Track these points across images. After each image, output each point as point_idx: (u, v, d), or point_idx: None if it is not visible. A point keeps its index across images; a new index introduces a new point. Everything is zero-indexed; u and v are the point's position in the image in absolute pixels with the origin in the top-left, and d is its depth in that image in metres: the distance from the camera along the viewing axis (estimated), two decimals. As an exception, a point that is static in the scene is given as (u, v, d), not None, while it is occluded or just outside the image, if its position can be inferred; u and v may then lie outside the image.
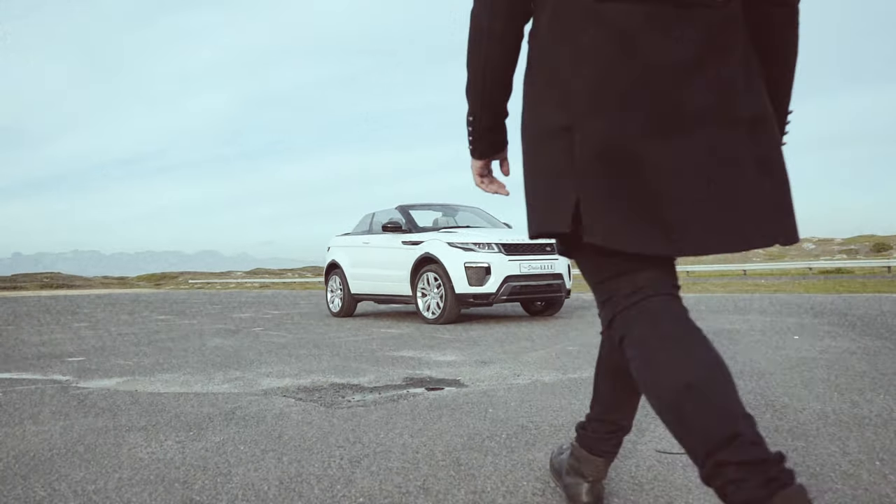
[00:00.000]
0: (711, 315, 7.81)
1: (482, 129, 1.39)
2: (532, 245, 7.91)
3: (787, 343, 4.99)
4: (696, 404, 1.10)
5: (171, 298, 22.42)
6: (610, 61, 1.15)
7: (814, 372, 3.67)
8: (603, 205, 1.15)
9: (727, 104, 1.16)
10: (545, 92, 1.24)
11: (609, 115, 1.15)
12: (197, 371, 4.36)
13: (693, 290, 16.42)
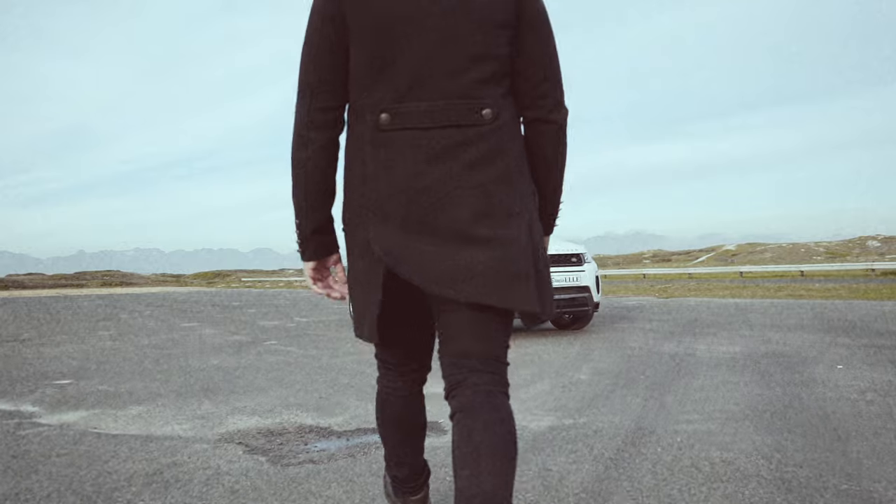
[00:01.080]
0: (749, 330, 7.19)
1: (307, 233, 1.51)
2: (556, 256, 7.43)
3: (832, 376, 4.42)
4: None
5: (213, 300, 22.58)
6: (389, 184, 1.37)
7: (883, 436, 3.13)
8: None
9: (479, 216, 1.37)
10: (350, 204, 1.46)
11: (390, 232, 1.37)
12: (171, 402, 4.08)
13: (743, 293, 15.58)
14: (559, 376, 4.70)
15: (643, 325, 8.48)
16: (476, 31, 1.38)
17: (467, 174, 1.38)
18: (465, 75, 1.38)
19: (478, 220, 1.37)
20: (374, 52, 1.39)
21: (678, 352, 5.82)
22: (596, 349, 6.14)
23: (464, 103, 1.38)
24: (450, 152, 1.38)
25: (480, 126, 1.39)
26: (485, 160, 1.39)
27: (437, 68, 1.38)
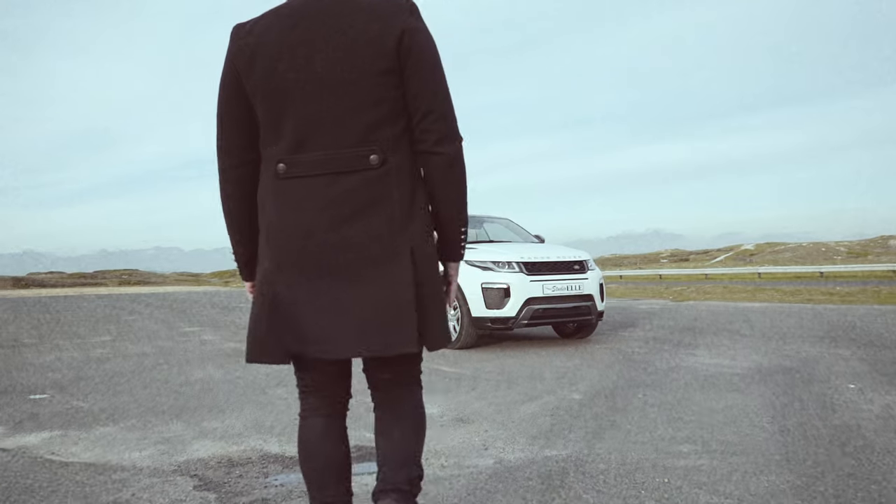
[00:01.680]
0: (760, 342, 6.88)
1: (244, 260, 1.70)
2: (558, 263, 7.17)
3: (842, 398, 4.13)
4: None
5: (222, 301, 22.47)
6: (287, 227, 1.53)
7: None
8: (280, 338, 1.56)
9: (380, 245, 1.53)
10: (261, 238, 1.61)
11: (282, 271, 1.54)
12: (140, 423, 3.90)
13: (759, 297, 15.16)
14: (551, 395, 4.45)
15: (651, 333, 8.19)
16: (360, 81, 1.50)
17: (353, 220, 1.52)
18: (353, 124, 1.51)
19: (360, 264, 1.52)
20: (269, 110, 1.54)
21: (682, 366, 5.54)
22: (596, 363, 5.88)
23: (351, 151, 1.52)
24: (337, 199, 1.52)
25: (367, 172, 1.52)
26: (371, 205, 1.52)
27: (325, 120, 1.51)
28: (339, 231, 1.51)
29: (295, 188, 1.54)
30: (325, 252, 1.52)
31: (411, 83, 1.53)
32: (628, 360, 5.95)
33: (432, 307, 1.58)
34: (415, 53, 1.52)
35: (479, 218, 8.94)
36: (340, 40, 1.50)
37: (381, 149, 1.52)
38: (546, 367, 5.70)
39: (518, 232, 8.83)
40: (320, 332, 1.53)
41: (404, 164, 1.56)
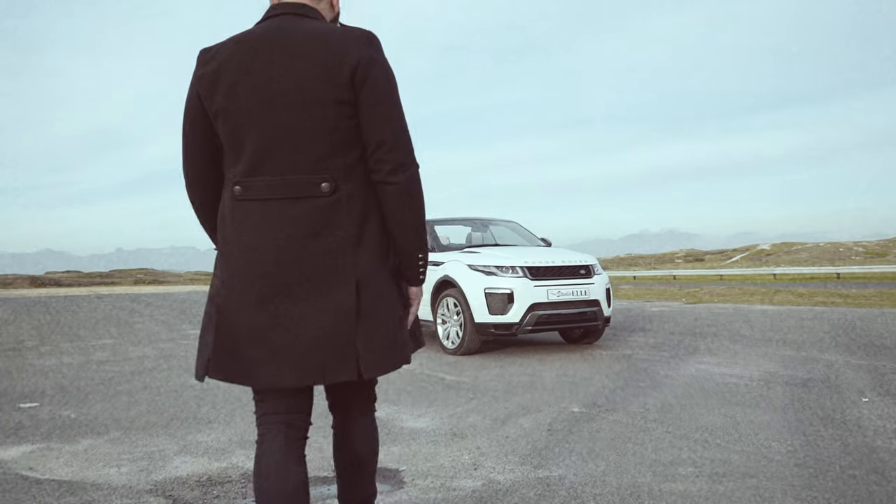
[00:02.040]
0: (771, 347, 6.67)
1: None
2: (563, 268, 7.00)
3: (855, 413, 3.95)
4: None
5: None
6: (237, 249, 1.59)
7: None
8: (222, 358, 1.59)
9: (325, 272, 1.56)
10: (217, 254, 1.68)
11: (230, 291, 1.59)
12: (125, 435, 3.80)
13: (773, 299, 14.87)
14: (550, 407, 4.30)
15: (660, 338, 8.01)
16: (315, 109, 1.54)
17: (302, 246, 1.55)
18: (307, 151, 1.55)
19: (305, 291, 1.55)
20: (229, 133, 1.59)
21: (688, 376, 5.37)
22: (599, 372, 5.71)
23: (304, 178, 1.56)
24: (288, 224, 1.55)
25: (318, 199, 1.55)
26: (320, 232, 1.56)
27: (280, 145, 1.55)
28: (288, 256, 1.55)
29: (249, 210, 1.58)
30: (271, 275, 1.56)
31: (366, 114, 1.56)
32: (633, 369, 5.78)
33: (376, 335, 1.59)
34: (370, 84, 1.55)
35: (485, 221, 8.80)
36: (298, 69, 1.54)
37: (333, 177, 1.56)
38: (548, 376, 5.55)
39: (524, 235, 8.67)
40: (261, 358, 1.56)
41: (356, 192, 1.59)
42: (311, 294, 1.55)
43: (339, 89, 1.53)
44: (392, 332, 1.64)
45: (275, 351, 1.54)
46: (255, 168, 1.57)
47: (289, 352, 1.54)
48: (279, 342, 1.54)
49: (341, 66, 1.53)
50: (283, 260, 1.55)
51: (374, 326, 1.59)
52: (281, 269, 1.54)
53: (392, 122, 1.58)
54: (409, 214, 1.63)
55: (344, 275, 1.56)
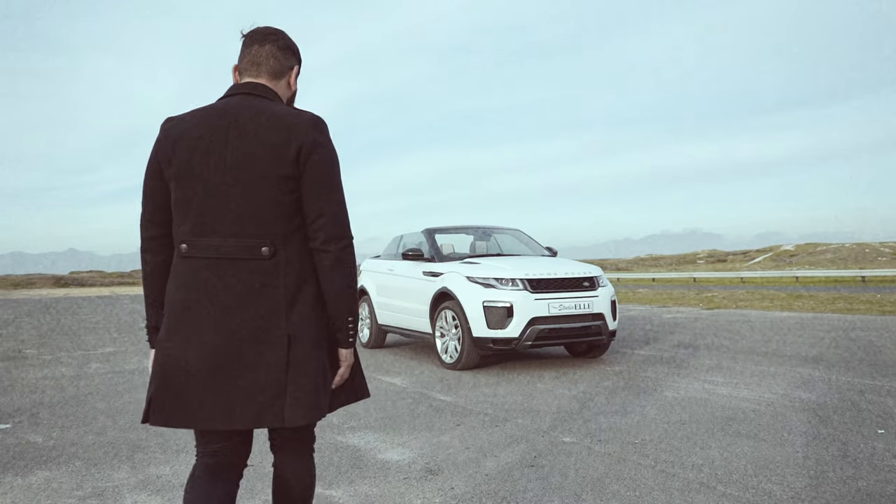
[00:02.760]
0: (786, 365, 6.34)
1: (150, 325, 1.85)
2: (565, 280, 6.72)
3: (867, 449, 3.64)
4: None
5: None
6: (182, 302, 1.72)
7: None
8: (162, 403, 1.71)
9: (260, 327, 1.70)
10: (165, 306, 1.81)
11: (172, 341, 1.72)
12: (87, 465, 3.61)
13: (794, 305, 14.42)
14: (539, 437, 4.04)
15: (669, 352, 7.69)
16: (261, 181, 1.69)
17: (240, 303, 1.69)
18: (250, 218, 1.70)
19: (241, 344, 1.69)
20: (180, 196, 1.73)
21: (694, 399, 5.07)
22: (598, 393, 5.42)
23: (246, 242, 1.70)
24: (228, 283, 1.70)
25: (258, 261, 1.70)
26: (258, 292, 1.70)
27: (227, 211, 1.69)
28: (227, 312, 1.70)
29: (193, 267, 1.73)
30: (212, 329, 1.70)
31: (307, 189, 1.74)
32: (636, 389, 5.49)
33: (302, 388, 1.72)
34: (312, 164, 1.73)
35: (488, 229, 8.54)
36: (250, 143, 1.71)
37: (273, 242, 1.72)
38: (543, 397, 5.28)
39: (528, 244, 8.40)
40: (198, 403, 1.69)
41: (294, 257, 1.75)
42: (247, 347, 1.70)
43: (285, 167, 1.71)
44: (317, 386, 1.75)
45: (211, 397, 1.68)
46: (202, 229, 1.72)
47: (223, 398, 1.68)
48: (215, 389, 1.69)
49: (289, 146, 1.71)
50: (223, 315, 1.70)
51: (302, 379, 1.72)
52: (221, 323, 1.70)
53: (331, 198, 1.76)
54: (340, 281, 1.79)
55: (277, 331, 1.71)
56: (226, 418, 1.68)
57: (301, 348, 1.73)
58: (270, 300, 1.72)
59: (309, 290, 1.78)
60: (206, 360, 1.69)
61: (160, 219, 1.80)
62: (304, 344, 1.74)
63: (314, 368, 1.75)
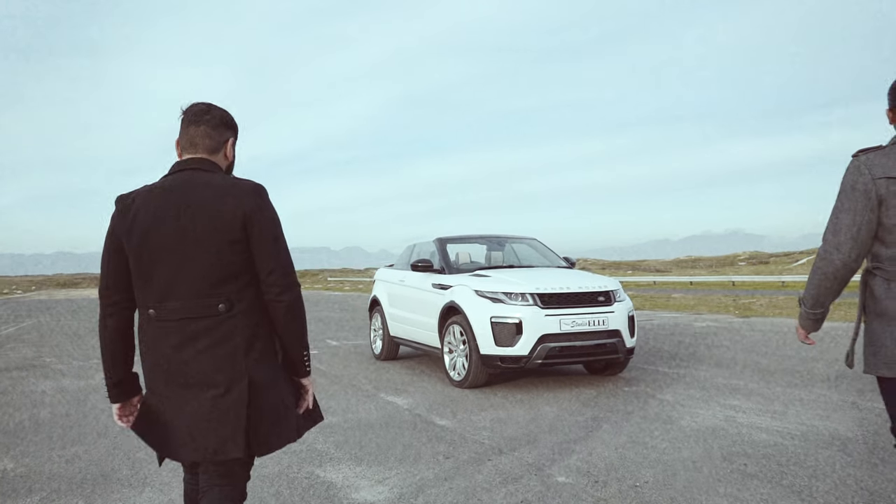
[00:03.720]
0: (819, 388, 5.86)
1: (111, 384, 2.06)
2: (578, 295, 6.35)
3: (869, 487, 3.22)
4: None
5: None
6: (156, 356, 1.99)
7: None
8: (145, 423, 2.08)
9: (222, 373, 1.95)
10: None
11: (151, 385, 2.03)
12: (49, 498, 3.41)
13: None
14: (532, 475, 3.71)
15: (692, 369, 7.25)
16: (212, 247, 1.94)
17: (203, 354, 1.96)
18: (206, 280, 1.95)
19: (207, 389, 1.96)
20: (140, 268, 1.98)
21: (709, 427, 4.67)
22: (607, 420, 5.06)
23: (204, 301, 1.96)
24: (192, 338, 1.97)
25: (216, 317, 1.96)
26: (218, 343, 1.97)
27: (184, 276, 1.95)
28: (192, 362, 1.95)
29: (162, 328, 1.98)
30: (181, 377, 1.96)
31: (256, 250, 1.98)
32: (648, 416, 5.11)
33: (262, 421, 2.00)
34: (257, 228, 1.96)
35: (503, 239, 8.21)
36: (199, 215, 1.92)
37: (228, 299, 1.96)
38: (548, 424, 4.93)
39: (545, 254, 8.05)
40: (169, 437, 2.00)
41: (247, 309, 1.99)
42: (211, 390, 1.95)
43: (232, 233, 1.94)
44: (278, 418, 2.04)
45: (180, 433, 1.98)
46: (165, 295, 1.96)
47: (191, 433, 1.96)
48: (184, 425, 1.97)
49: (234, 214, 1.94)
50: (190, 365, 1.96)
51: (261, 415, 2.00)
52: (189, 372, 1.96)
53: (278, 255, 2.00)
54: (293, 324, 2.06)
55: (238, 374, 1.96)
56: (191, 453, 1.99)
57: (259, 388, 1.99)
58: (230, 349, 1.97)
59: (263, 335, 2.03)
60: (176, 403, 1.98)
61: (121, 286, 2.02)
62: (262, 383, 2.00)
63: (273, 404, 2.03)
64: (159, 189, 1.99)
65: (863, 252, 2.16)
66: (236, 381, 1.95)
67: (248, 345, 1.98)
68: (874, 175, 2.08)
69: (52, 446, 4.51)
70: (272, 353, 2.06)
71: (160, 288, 1.95)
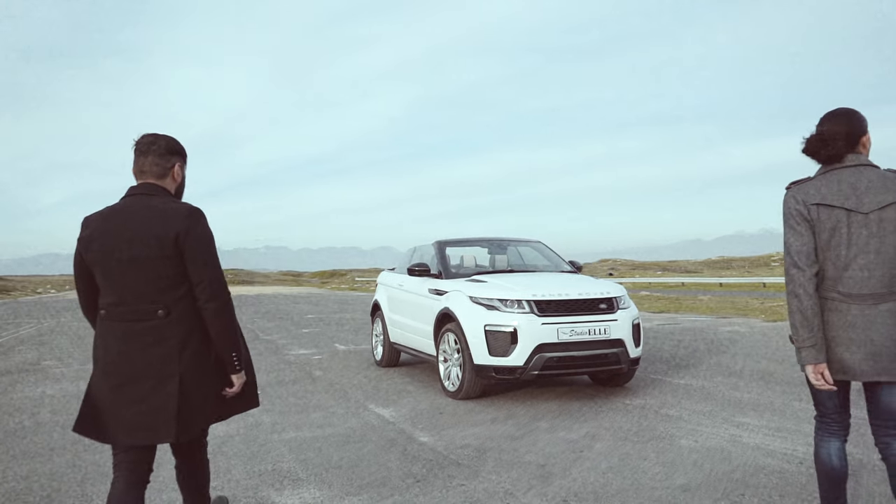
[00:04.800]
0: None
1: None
2: (578, 302, 5.98)
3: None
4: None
5: (292, 308, 22.30)
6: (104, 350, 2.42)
7: None
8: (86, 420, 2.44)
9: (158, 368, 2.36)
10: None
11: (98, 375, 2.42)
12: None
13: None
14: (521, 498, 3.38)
15: (705, 380, 6.82)
16: (152, 262, 2.36)
17: (143, 351, 2.37)
18: (148, 288, 2.37)
19: (143, 381, 2.36)
20: (100, 278, 2.43)
21: (714, 448, 4.29)
22: (601, 439, 4.69)
23: (146, 306, 2.38)
24: (133, 337, 2.38)
25: (155, 320, 2.38)
26: (156, 342, 2.37)
27: (130, 285, 2.38)
28: (134, 357, 2.37)
29: (110, 327, 2.41)
30: (122, 370, 2.37)
31: (188, 264, 2.40)
32: (648, 434, 4.74)
33: (193, 413, 2.41)
34: (189, 245, 2.38)
35: (504, 242, 7.87)
36: (141, 235, 2.36)
37: (166, 305, 2.39)
38: (536, 442, 4.59)
39: (549, 258, 7.69)
40: (109, 423, 2.37)
41: (183, 314, 2.41)
42: (148, 381, 2.34)
43: (168, 250, 2.35)
44: (202, 408, 2.45)
45: (119, 419, 2.35)
46: (117, 300, 2.38)
47: (127, 420, 2.34)
48: (123, 414, 2.34)
49: (168, 233, 2.35)
50: (131, 360, 2.35)
51: (189, 405, 2.38)
52: (129, 366, 2.35)
53: (207, 268, 2.41)
54: (220, 328, 2.44)
55: (171, 370, 2.36)
56: (128, 437, 2.36)
57: (191, 382, 2.39)
58: (167, 348, 2.36)
59: (196, 336, 2.42)
60: (117, 393, 2.35)
61: (89, 292, 2.51)
62: (194, 378, 2.40)
63: (202, 396, 2.43)
64: (111, 212, 2.44)
65: (817, 264, 2.48)
66: (170, 376, 2.36)
67: (182, 345, 2.39)
68: (806, 202, 2.47)
69: (10, 462, 4.31)
70: (205, 352, 2.46)
71: (111, 294, 2.40)
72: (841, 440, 2.67)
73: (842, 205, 2.41)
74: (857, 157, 2.47)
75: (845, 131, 2.46)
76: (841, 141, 2.46)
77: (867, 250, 2.39)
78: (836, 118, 2.51)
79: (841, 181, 2.44)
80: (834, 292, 2.45)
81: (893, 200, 2.37)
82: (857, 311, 2.41)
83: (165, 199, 2.44)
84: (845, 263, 2.42)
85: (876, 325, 2.39)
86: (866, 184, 2.41)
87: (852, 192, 2.41)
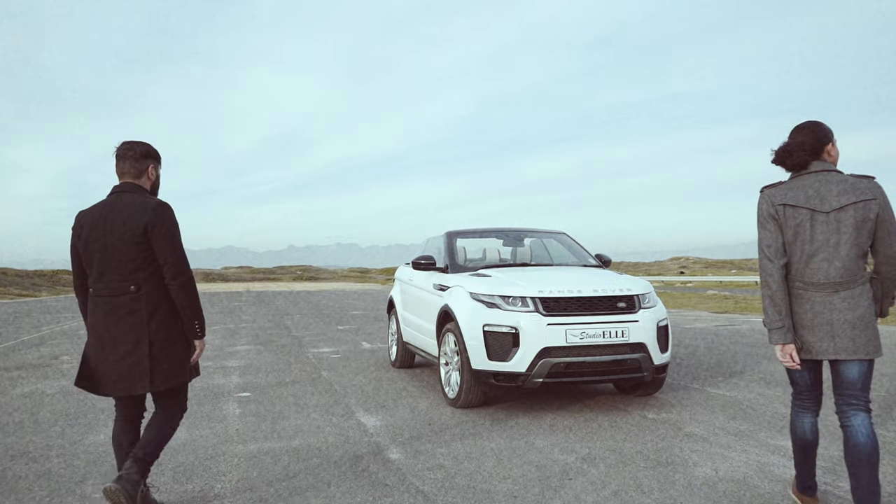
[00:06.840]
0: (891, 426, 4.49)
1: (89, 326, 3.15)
2: (592, 300, 5.21)
3: None
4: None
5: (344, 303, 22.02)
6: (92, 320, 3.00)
7: None
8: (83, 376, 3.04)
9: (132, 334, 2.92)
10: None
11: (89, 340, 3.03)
12: None
13: None
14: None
15: (750, 390, 5.92)
16: (126, 247, 2.91)
17: (120, 320, 2.92)
18: (122, 269, 2.92)
19: (121, 345, 2.92)
20: (86, 262, 3.00)
21: (734, 480, 3.50)
22: (603, 461, 3.94)
23: (121, 284, 2.93)
24: (113, 310, 2.93)
25: (129, 295, 2.92)
26: (130, 313, 2.92)
27: (109, 266, 2.93)
28: (114, 326, 2.93)
29: (96, 301, 2.99)
30: (105, 335, 2.94)
31: (156, 248, 2.93)
32: (660, 459, 3.96)
33: (160, 368, 2.95)
34: (155, 233, 2.92)
35: (522, 232, 7.14)
36: (118, 226, 2.91)
37: (137, 283, 2.93)
38: (524, 463, 3.89)
39: (573, 250, 6.91)
40: (101, 378, 2.96)
41: (152, 291, 2.96)
42: (125, 345, 2.92)
43: (138, 236, 2.91)
44: (171, 367, 3.00)
45: (106, 375, 2.96)
46: (98, 279, 2.98)
47: (111, 375, 2.95)
48: (106, 370, 2.95)
49: (137, 225, 2.91)
50: (110, 327, 2.93)
51: (159, 364, 2.95)
52: (109, 332, 2.94)
53: (172, 251, 2.95)
54: (184, 301, 2.99)
55: (142, 336, 2.92)
56: (112, 389, 2.97)
57: (158, 345, 2.95)
58: (138, 317, 2.92)
59: (164, 310, 2.98)
60: (102, 353, 2.95)
61: (81, 275, 3.07)
62: (161, 342, 2.96)
63: (169, 356, 2.98)
64: (97, 207, 3.00)
65: (785, 257, 2.79)
66: (142, 341, 2.90)
67: (150, 316, 2.93)
68: (774, 203, 2.80)
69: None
70: (171, 322, 2.99)
71: (96, 275, 2.97)
72: (814, 414, 2.98)
73: (806, 205, 2.73)
74: (822, 163, 2.78)
75: (810, 142, 2.78)
76: (805, 151, 2.77)
77: (827, 245, 2.70)
78: (801, 131, 2.82)
79: (806, 185, 2.76)
80: (799, 282, 2.78)
81: (851, 202, 2.66)
82: (819, 298, 2.73)
83: (140, 196, 3.00)
84: (809, 256, 2.74)
85: (835, 310, 2.70)
86: (829, 187, 2.71)
87: (815, 195, 2.72)
